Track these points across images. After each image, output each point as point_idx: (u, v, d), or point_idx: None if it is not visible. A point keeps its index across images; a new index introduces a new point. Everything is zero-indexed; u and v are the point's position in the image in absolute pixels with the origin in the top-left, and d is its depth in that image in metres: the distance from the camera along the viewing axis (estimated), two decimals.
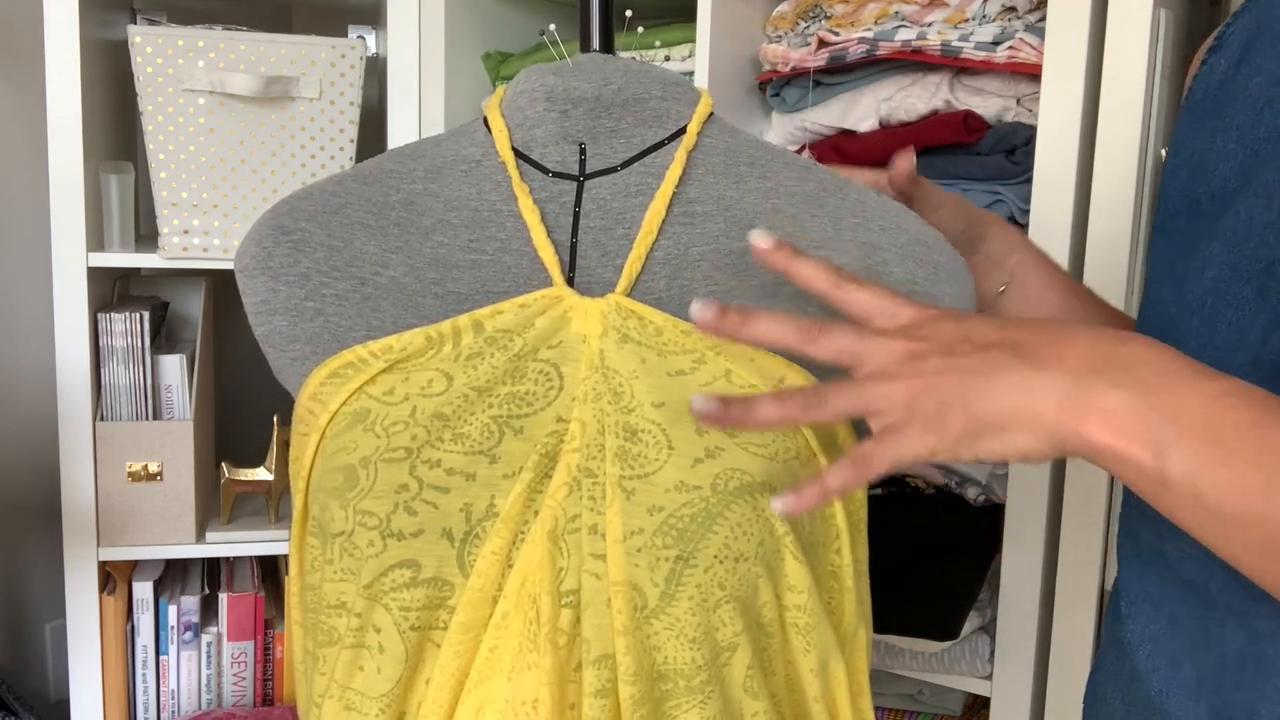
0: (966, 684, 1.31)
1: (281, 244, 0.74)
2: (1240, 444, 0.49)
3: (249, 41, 1.50)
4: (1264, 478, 0.49)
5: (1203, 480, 0.50)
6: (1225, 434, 0.50)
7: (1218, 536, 0.51)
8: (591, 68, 0.75)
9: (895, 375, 0.56)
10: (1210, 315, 0.62)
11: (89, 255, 1.51)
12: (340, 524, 0.65)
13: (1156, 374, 0.52)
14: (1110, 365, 0.52)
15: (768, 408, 0.57)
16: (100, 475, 1.57)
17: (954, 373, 0.54)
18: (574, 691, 0.63)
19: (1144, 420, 0.51)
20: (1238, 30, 0.66)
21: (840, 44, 1.32)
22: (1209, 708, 0.60)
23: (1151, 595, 0.65)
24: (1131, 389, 0.52)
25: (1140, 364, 0.52)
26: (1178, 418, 0.51)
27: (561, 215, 0.74)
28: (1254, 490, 0.49)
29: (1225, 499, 0.50)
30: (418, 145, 0.79)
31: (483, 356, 0.68)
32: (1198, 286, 0.63)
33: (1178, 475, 0.51)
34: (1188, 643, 0.62)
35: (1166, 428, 0.51)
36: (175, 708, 1.68)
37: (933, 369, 0.55)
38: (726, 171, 0.75)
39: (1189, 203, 0.66)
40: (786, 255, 0.60)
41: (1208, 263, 0.63)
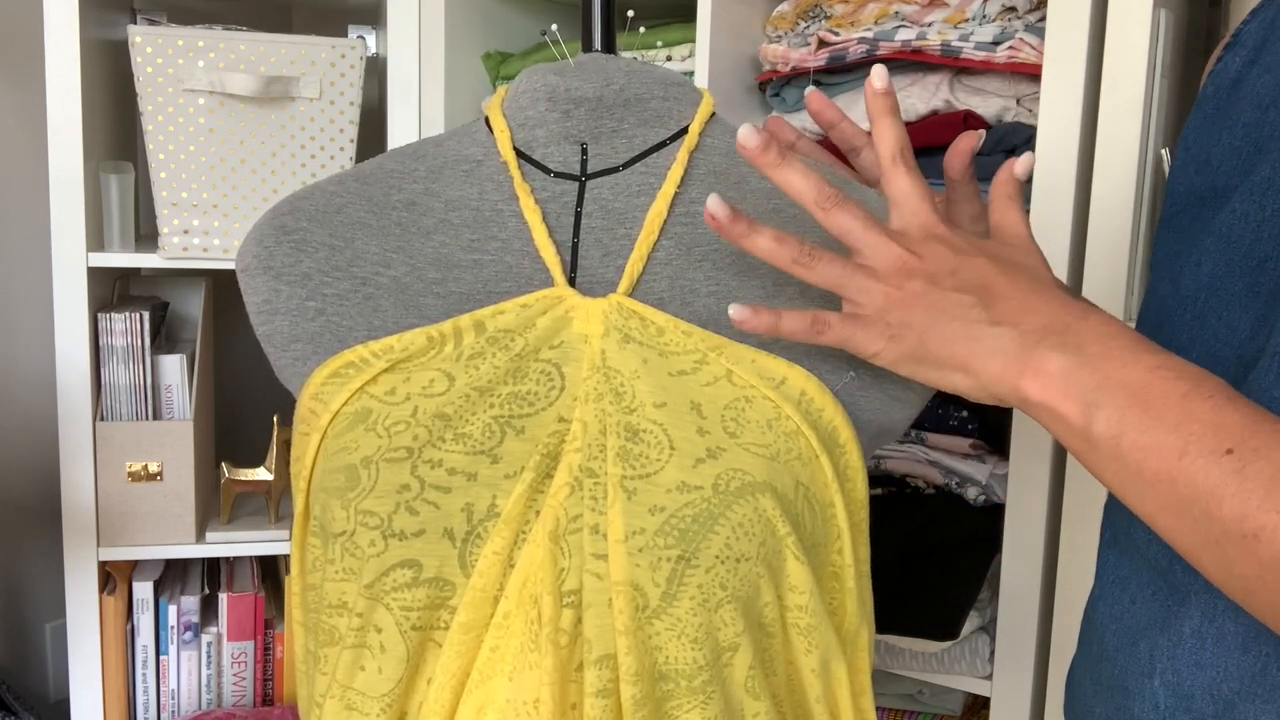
0: (966, 684, 1.31)
1: (283, 244, 0.74)
2: (1164, 410, 0.53)
3: (249, 41, 1.50)
4: (1180, 442, 0.52)
5: (1125, 440, 0.54)
6: (1152, 400, 0.53)
7: (1136, 496, 0.54)
8: (593, 68, 0.75)
9: (881, 278, 0.61)
10: (1202, 310, 0.63)
11: (89, 255, 1.51)
12: (341, 524, 0.65)
13: (1101, 343, 0.56)
14: (1064, 332, 0.57)
15: (765, 239, 0.63)
16: (100, 475, 1.56)
17: (927, 303, 0.60)
18: (575, 692, 0.63)
19: (1078, 382, 0.55)
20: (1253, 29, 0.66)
21: (840, 44, 1.32)
22: (1164, 685, 0.61)
23: (1122, 577, 0.66)
24: (1074, 354, 0.56)
25: (1091, 335, 0.57)
26: (1110, 382, 0.55)
27: (563, 215, 0.74)
28: (1169, 453, 0.52)
29: (1144, 460, 0.53)
30: (419, 145, 0.79)
31: (484, 356, 0.68)
32: (1193, 282, 0.64)
33: (1102, 434, 0.54)
34: (1147, 621, 0.63)
35: (1098, 390, 0.55)
36: (175, 708, 1.68)
37: (911, 290, 0.61)
38: (728, 172, 0.75)
39: (1192, 199, 0.67)
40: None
41: (1203, 257, 0.63)
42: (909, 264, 0.61)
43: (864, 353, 0.63)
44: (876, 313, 0.61)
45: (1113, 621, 0.66)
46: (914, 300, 0.60)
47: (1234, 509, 0.50)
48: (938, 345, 0.60)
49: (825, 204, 0.63)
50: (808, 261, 0.63)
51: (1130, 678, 0.64)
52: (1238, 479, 0.50)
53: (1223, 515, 0.51)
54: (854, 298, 0.62)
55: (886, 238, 0.62)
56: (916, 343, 0.60)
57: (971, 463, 1.30)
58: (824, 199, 0.63)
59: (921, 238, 0.62)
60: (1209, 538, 0.52)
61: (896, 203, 0.64)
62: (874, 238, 0.62)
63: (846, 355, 0.70)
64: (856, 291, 0.62)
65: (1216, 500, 0.51)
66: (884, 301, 0.61)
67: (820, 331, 0.63)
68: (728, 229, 0.64)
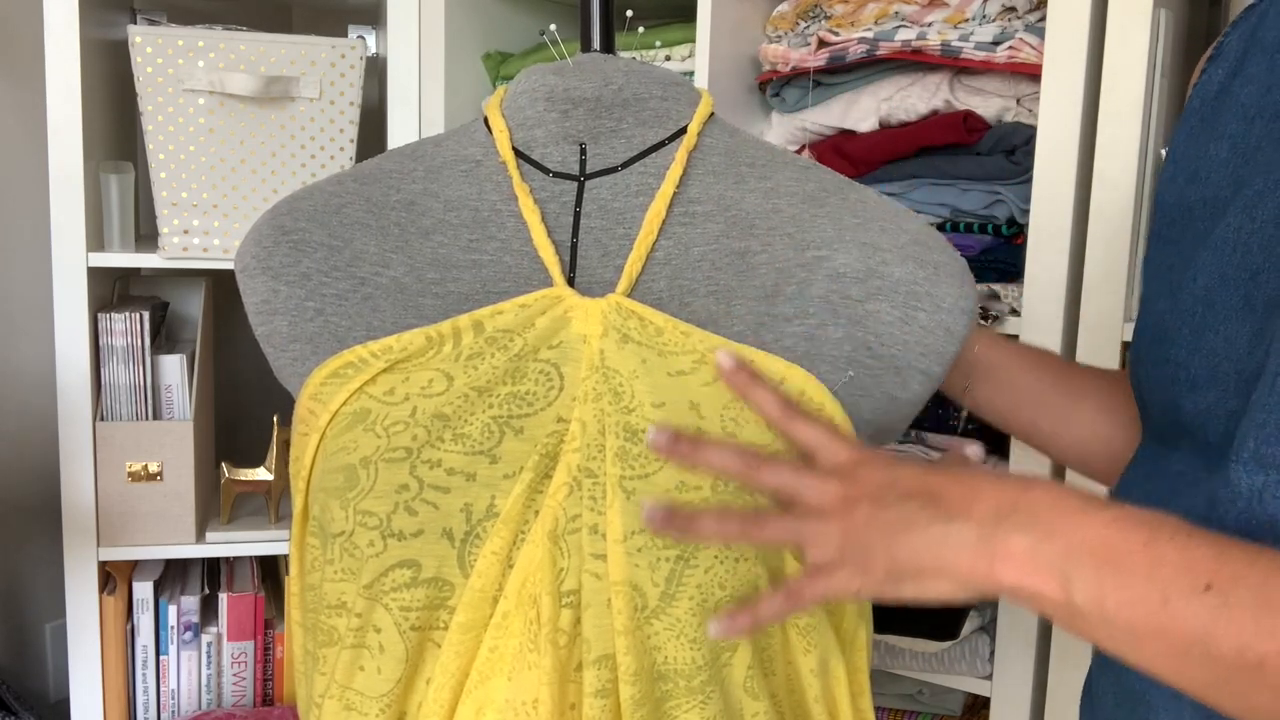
0: (966, 684, 1.31)
1: (281, 244, 0.74)
2: (1132, 562, 0.53)
3: (249, 41, 1.50)
4: (1158, 591, 0.52)
5: (1107, 603, 0.53)
6: (1119, 556, 0.53)
7: (1136, 653, 0.54)
8: (592, 68, 0.75)
9: (829, 517, 0.60)
10: (1200, 324, 0.63)
11: (89, 255, 1.51)
12: (340, 524, 0.65)
13: (1054, 513, 0.56)
14: (1014, 511, 0.57)
15: (709, 522, 0.61)
16: (100, 475, 1.56)
17: (878, 523, 0.59)
18: (574, 691, 0.63)
19: (1045, 557, 0.55)
20: (1234, 41, 0.67)
21: (840, 44, 1.32)
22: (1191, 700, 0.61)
23: None
24: (1032, 531, 0.55)
25: (1041, 506, 0.56)
26: (1075, 550, 0.54)
27: (562, 215, 0.74)
28: (1152, 604, 0.52)
29: (1131, 616, 0.53)
30: (418, 145, 0.79)
31: (483, 356, 0.68)
32: (1189, 296, 0.64)
33: (1084, 603, 0.54)
34: None
35: (1065, 561, 0.54)
36: (175, 708, 1.68)
37: (861, 517, 0.60)
38: (727, 172, 0.75)
39: (1183, 211, 0.67)
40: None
41: (1199, 272, 0.63)
42: (848, 494, 0.60)
43: (846, 597, 0.62)
44: (837, 552, 0.60)
45: None
46: (866, 526, 0.59)
47: (1231, 644, 0.50)
48: (906, 557, 0.59)
49: (751, 467, 0.62)
50: (757, 528, 0.61)
51: (1155, 693, 0.64)
52: (1225, 613, 0.50)
53: (1222, 653, 0.50)
54: (813, 545, 0.61)
55: (820, 478, 0.61)
56: (887, 563, 0.59)
57: None
58: (750, 465, 0.62)
59: (851, 466, 0.62)
60: (1217, 677, 0.51)
61: (811, 450, 0.63)
62: (809, 481, 0.61)
63: (846, 355, 0.70)
64: (814, 539, 0.61)
65: (1213, 640, 0.51)
66: (839, 537, 0.60)
67: (797, 601, 0.61)
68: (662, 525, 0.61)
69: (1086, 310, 1.16)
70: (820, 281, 0.71)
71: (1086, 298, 1.15)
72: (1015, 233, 1.24)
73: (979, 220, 1.26)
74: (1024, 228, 1.22)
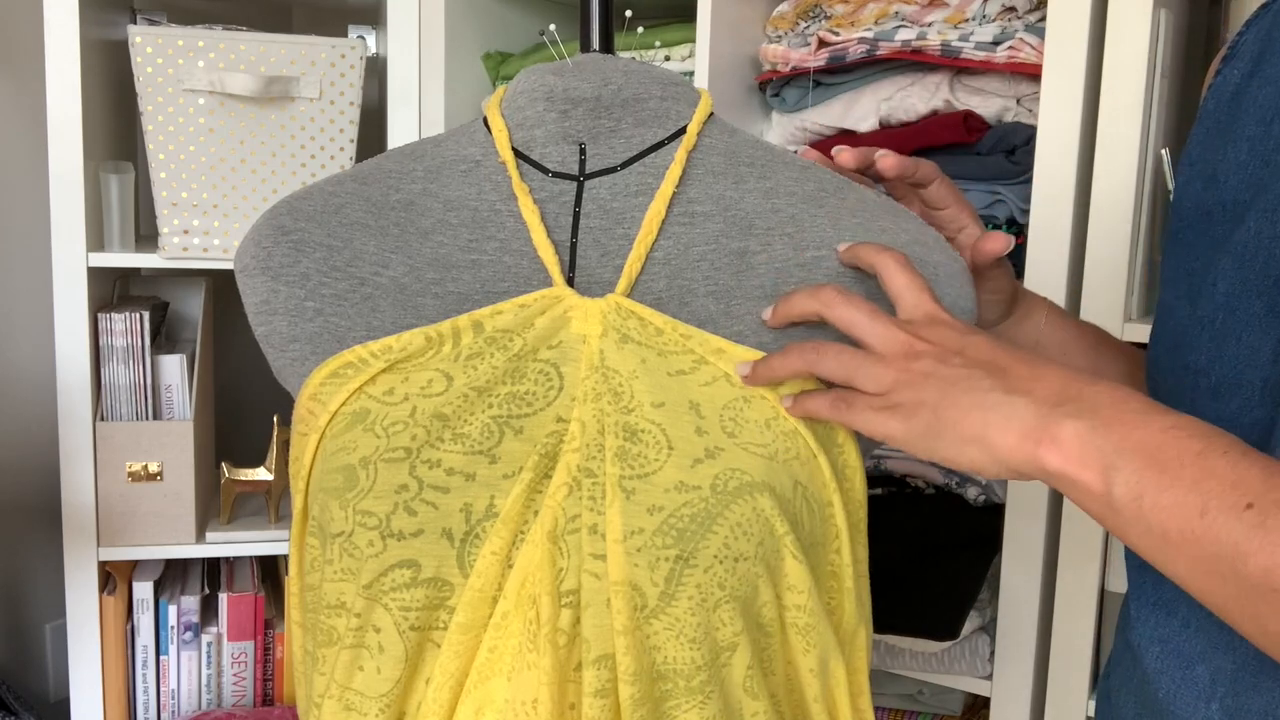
0: (966, 684, 1.31)
1: (281, 244, 0.74)
2: (1181, 469, 0.53)
3: (249, 41, 1.50)
4: (1199, 500, 0.52)
5: (1145, 502, 0.53)
6: (1169, 460, 0.53)
7: (1164, 558, 0.54)
8: (591, 68, 0.75)
9: (890, 363, 0.63)
10: (1221, 331, 0.62)
11: (89, 255, 1.51)
12: (340, 524, 0.65)
13: (1113, 408, 0.56)
14: (1075, 400, 0.57)
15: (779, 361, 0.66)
16: (100, 475, 1.56)
17: (937, 378, 0.61)
18: (574, 691, 0.63)
19: (1094, 448, 0.55)
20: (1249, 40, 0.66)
21: (840, 44, 1.32)
22: (1223, 708, 0.60)
23: (1166, 600, 0.65)
24: (1088, 420, 0.56)
25: (1102, 400, 0.57)
26: (1126, 446, 0.54)
27: (561, 215, 0.74)
28: (1190, 512, 0.52)
29: (1166, 520, 0.53)
30: (417, 145, 0.79)
31: (482, 356, 0.68)
32: (1209, 302, 0.63)
33: (1123, 497, 0.54)
34: (1204, 645, 0.62)
35: (1115, 455, 0.55)
36: (175, 708, 1.68)
37: (920, 372, 0.62)
38: (726, 171, 0.75)
39: (1201, 215, 0.66)
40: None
41: (1219, 277, 0.62)
42: (915, 346, 0.62)
43: (878, 435, 0.63)
44: (886, 395, 0.62)
45: (1156, 644, 0.65)
46: (924, 379, 0.61)
47: (1260, 564, 0.50)
48: (953, 418, 0.60)
49: (830, 300, 0.65)
50: (814, 358, 0.65)
51: (1181, 702, 0.63)
52: (1260, 533, 0.50)
53: (1249, 571, 0.50)
54: (865, 386, 0.63)
55: (892, 325, 0.63)
56: (931, 418, 0.60)
57: None
58: (827, 297, 0.66)
59: (926, 323, 0.64)
60: (1239, 594, 0.51)
61: (898, 298, 0.66)
62: (880, 327, 0.64)
63: None
64: (867, 379, 0.63)
65: (1242, 557, 0.50)
66: (893, 382, 0.62)
67: (842, 412, 0.64)
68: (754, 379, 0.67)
69: (1086, 310, 1.16)
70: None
71: (1086, 297, 1.15)
72: (1015, 233, 1.24)
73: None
74: (1024, 227, 1.22)
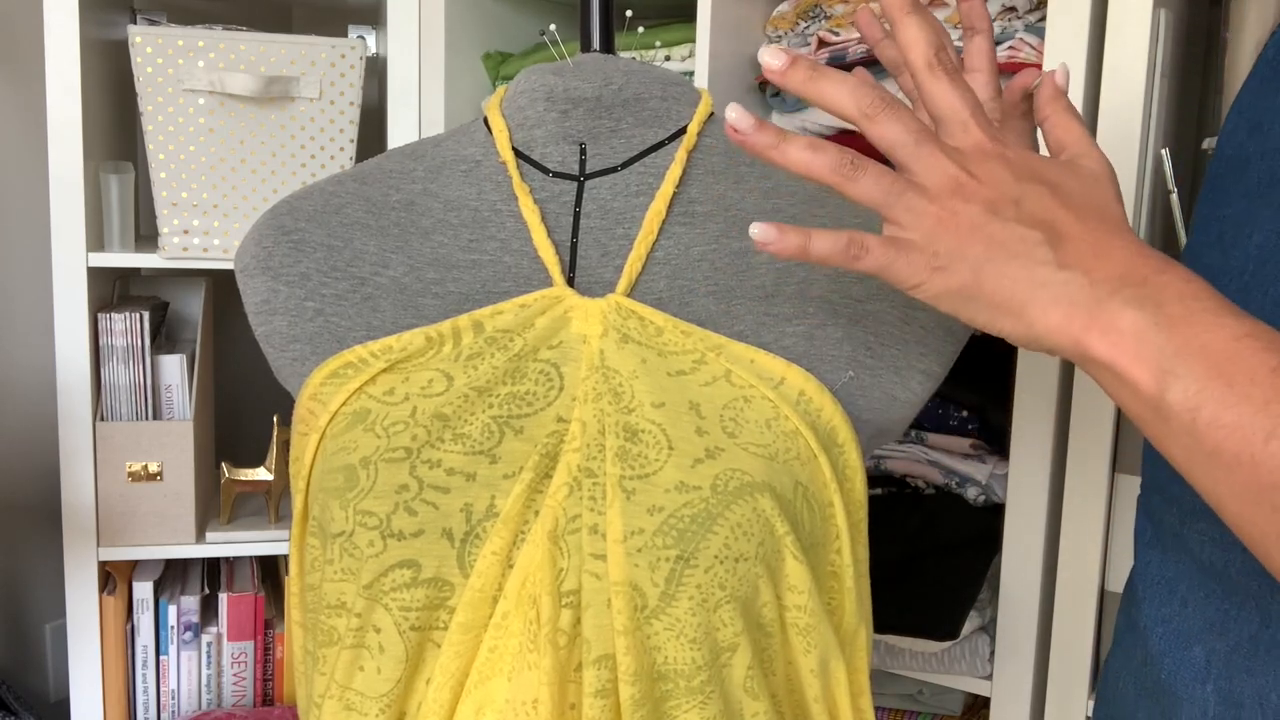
0: (966, 684, 1.31)
1: (281, 244, 0.74)
2: (1251, 386, 0.47)
3: (249, 41, 1.50)
4: (1268, 423, 0.46)
5: (1202, 415, 0.48)
6: (1237, 373, 0.47)
7: (1208, 477, 0.49)
8: (592, 68, 0.75)
9: (933, 198, 0.53)
10: (1250, 282, 0.59)
11: (89, 255, 1.51)
12: (340, 524, 0.65)
13: (1182, 303, 0.49)
14: (1140, 285, 0.50)
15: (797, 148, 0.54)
16: (100, 475, 1.56)
17: (983, 234, 0.53)
18: (574, 692, 0.63)
19: (1152, 344, 0.49)
20: None
21: (840, 44, 1.32)
22: (1216, 690, 0.60)
23: (1169, 578, 0.64)
24: (1151, 312, 0.49)
25: (1171, 291, 0.50)
26: (1190, 348, 0.48)
27: (562, 215, 0.74)
28: (1255, 435, 0.46)
29: (1223, 439, 0.47)
30: (417, 145, 0.79)
31: (483, 356, 0.68)
32: (1241, 252, 0.60)
33: (1178, 406, 0.48)
34: (1201, 626, 0.62)
35: (1175, 356, 0.48)
36: (175, 708, 1.68)
37: (966, 220, 0.53)
38: (727, 171, 0.75)
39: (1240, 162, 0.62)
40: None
41: (1256, 229, 0.59)
42: (966, 186, 0.53)
43: (905, 283, 0.54)
44: (924, 238, 0.53)
45: (1160, 624, 0.64)
46: (970, 230, 0.52)
47: None
48: (994, 285, 0.52)
49: (872, 110, 0.53)
50: (850, 172, 0.53)
51: (1180, 683, 0.62)
52: None
53: None
54: (900, 219, 0.54)
55: (942, 153, 0.53)
56: (969, 278, 0.53)
57: (971, 463, 1.30)
58: (869, 106, 0.53)
59: (978, 157, 0.54)
60: None
61: (942, 119, 0.55)
62: (928, 151, 0.53)
63: (846, 355, 0.70)
64: (904, 211, 0.53)
65: None
66: (935, 226, 0.53)
67: (857, 256, 0.54)
68: (753, 140, 0.55)
69: None
70: (821, 281, 0.71)
71: None
72: None
73: None
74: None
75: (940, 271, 0.53)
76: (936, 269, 0.53)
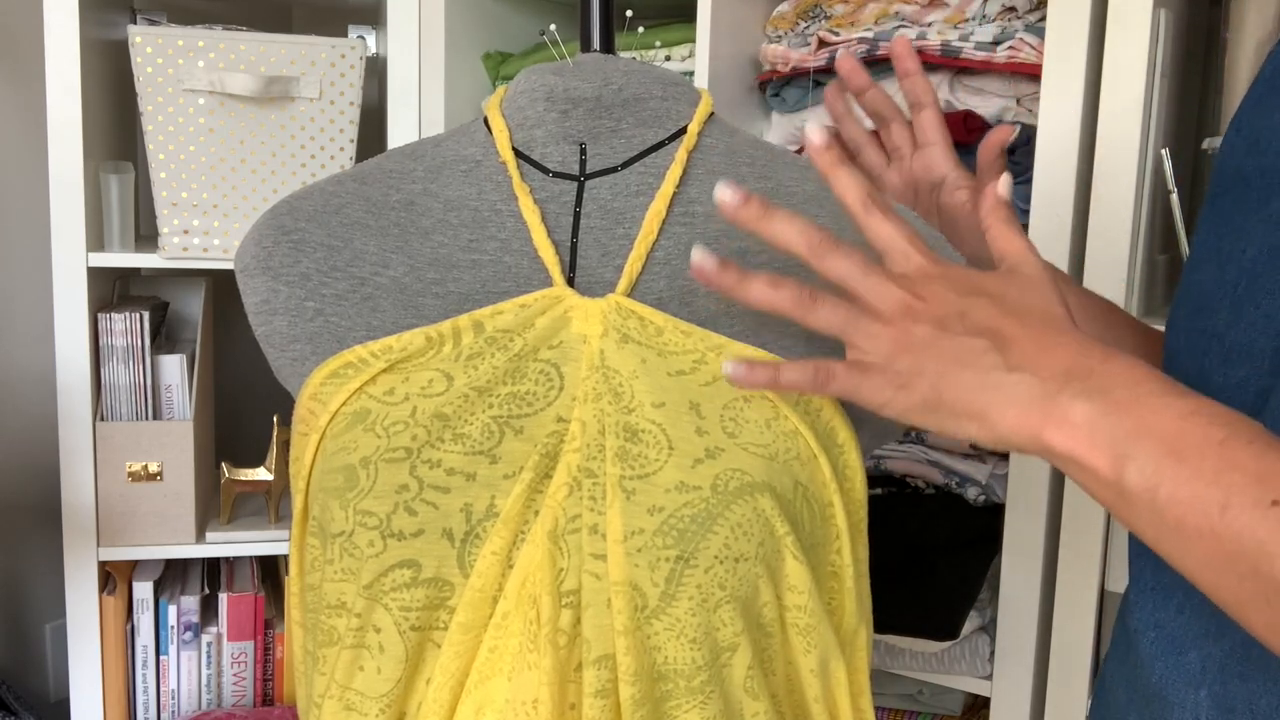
0: (966, 684, 1.31)
1: (281, 244, 0.74)
2: (1202, 460, 0.49)
3: (249, 41, 1.50)
4: (1221, 495, 0.49)
5: (1161, 493, 0.50)
6: (1188, 450, 0.50)
7: (1176, 551, 0.51)
8: (592, 68, 0.75)
9: (887, 322, 0.58)
10: (1242, 297, 0.60)
11: (89, 255, 1.51)
12: (340, 524, 0.65)
13: (1128, 388, 0.53)
14: (1087, 377, 0.53)
15: (759, 285, 0.60)
16: (100, 475, 1.56)
17: (935, 349, 0.57)
18: (574, 692, 0.63)
19: (1106, 430, 0.52)
20: None
21: (840, 44, 1.32)
22: (1210, 695, 0.60)
23: (1163, 584, 0.65)
24: (1099, 401, 0.52)
25: (1117, 380, 0.53)
26: (1142, 430, 0.51)
27: (562, 215, 0.74)
28: (1211, 507, 0.49)
29: (1183, 515, 0.50)
30: (417, 145, 0.79)
31: (483, 356, 0.68)
32: (1235, 267, 0.61)
33: (1136, 487, 0.51)
34: (1197, 631, 0.62)
35: (1128, 440, 0.51)
36: (175, 708, 1.68)
37: (919, 338, 0.57)
38: (727, 172, 0.75)
39: (1239, 179, 0.63)
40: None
41: (1249, 244, 0.60)
42: (914, 307, 0.58)
43: (871, 403, 0.59)
44: (884, 359, 0.58)
45: (1152, 629, 0.65)
46: (924, 347, 0.57)
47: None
48: (953, 395, 0.56)
49: (821, 249, 0.59)
50: (809, 304, 0.59)
51: (1172, 688, 0.62)
52: None
53: (1274, 572, 0.47)
54: (860, 343, 0.59)
55: (888, 280, 0.59)
56: (929, 392, 0.57)
57: (971, 463, 1.30)
58: (816, 246, 0.59)
59: (922, 279, 0.59)
60: (1258, 595, 0.48)
61: (885, 250, 0.61)
62: (875, 281, 0.58)
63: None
64: (863, 337, 0.59)
65: (1266, 557, 0.47)
66: (891, 347, 0.58)
67: (824, 383, 0.59)
68: (716, 280, 0.61)
69: None
70: (822, 284, 0.71)
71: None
72: None
73: None
74: (1024, 228, 1.22)
75: (903, 389, 0.58)
76: (899, 387, 0.58)
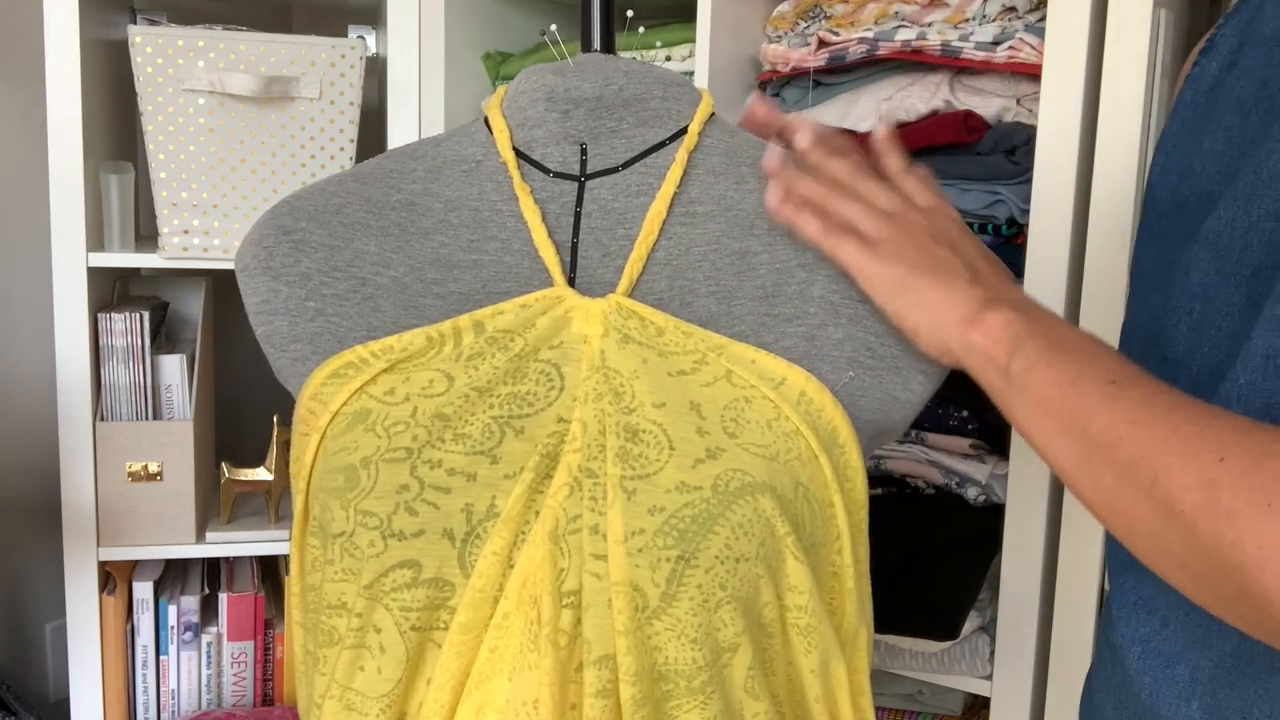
0: (966, 684, 1.31)
1: (282, 244, 0.74)
2: (1074, 353, 0.60)
3: (249, 41, 1.50)
4: (1074, 371, 0.59)
5: (1034, 374, 0.60)
6: (1069, 345, 0.61)
7: (1036, 426, 0.60)
8: (592, 68, 0.75)
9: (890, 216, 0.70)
10: (1199, 321, 0.62)
11: (89, 255, 1.51)
12: (341, 524, 0.65)
13: (1045, 317, 0.65)
14: (1016, 306, 0.65)
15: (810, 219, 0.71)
16: (100, 475, 1.56)
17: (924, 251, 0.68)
18: (575, 692, 0.63)
19: (1013, 330, 0.63)
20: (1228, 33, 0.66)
21: (840, 44, 1.32)
22: (1202, 707, 0.60)
23: (1146, 599, 0.65)
24: (1020, 313, 0.64)
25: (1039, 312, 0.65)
26: (1038, 332, 0.62)
27: (562, 215, 0.74)
28: (1064, 381, 0.59)
29: (1045, 389, 0.59)
30: (418, 145, 0.79)
31: (484, 357, 0.68)
32: (1183, 292, 0.63)
33: (1018, 371, 0.62)
34: (1184, 643, 0.62)
35: (1027, 337, 0.62)
36: (175, 708, 1.68)
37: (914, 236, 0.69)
38: (727, 172, 0.75)
39: (1175, 206, 0.66)
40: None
41: (1191, 266, 0.62)
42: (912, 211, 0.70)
43: (854, 267, 0.69)
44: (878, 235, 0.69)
45: (1138, 644, 0.65)
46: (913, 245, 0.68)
47: (1101, 423, 0.55)
48: (920, 284, 0.67)
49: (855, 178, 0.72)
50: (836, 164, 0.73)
51: (1163, 702, 0.63)
52: (1112, 400, 0.56)
53: (1092, 430, 0.56)
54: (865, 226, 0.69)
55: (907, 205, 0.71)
56: (904, 275, 0.67)
57: (971, 463, 1.30)
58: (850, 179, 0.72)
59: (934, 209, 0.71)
60: (1081, 455, 0.56)
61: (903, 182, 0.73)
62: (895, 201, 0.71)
63: (847, 355, 0.70)
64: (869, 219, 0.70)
65: (1090, 416, 0.56)
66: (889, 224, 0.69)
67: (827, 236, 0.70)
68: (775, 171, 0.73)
69: (1086, 310, 1.16)
70: (821, 281, 0.71)
71: (1086, 298, 1.15)
72: (1015, 233, 1.24)
73: (979, 220, 1.26)
74: (1024, 227, 1.22)
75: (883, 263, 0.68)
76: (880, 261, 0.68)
